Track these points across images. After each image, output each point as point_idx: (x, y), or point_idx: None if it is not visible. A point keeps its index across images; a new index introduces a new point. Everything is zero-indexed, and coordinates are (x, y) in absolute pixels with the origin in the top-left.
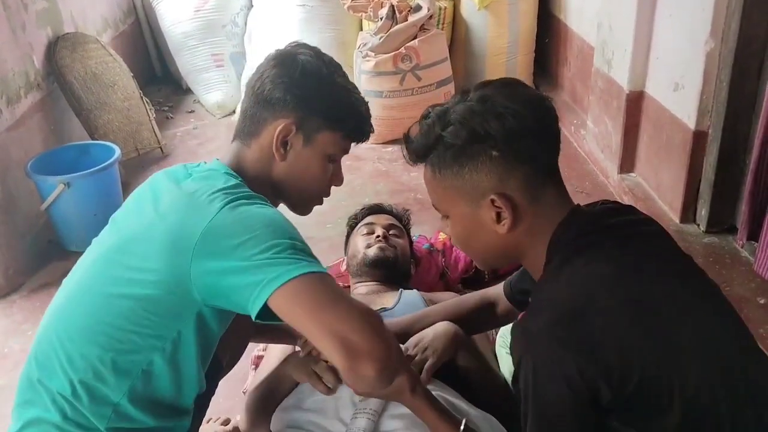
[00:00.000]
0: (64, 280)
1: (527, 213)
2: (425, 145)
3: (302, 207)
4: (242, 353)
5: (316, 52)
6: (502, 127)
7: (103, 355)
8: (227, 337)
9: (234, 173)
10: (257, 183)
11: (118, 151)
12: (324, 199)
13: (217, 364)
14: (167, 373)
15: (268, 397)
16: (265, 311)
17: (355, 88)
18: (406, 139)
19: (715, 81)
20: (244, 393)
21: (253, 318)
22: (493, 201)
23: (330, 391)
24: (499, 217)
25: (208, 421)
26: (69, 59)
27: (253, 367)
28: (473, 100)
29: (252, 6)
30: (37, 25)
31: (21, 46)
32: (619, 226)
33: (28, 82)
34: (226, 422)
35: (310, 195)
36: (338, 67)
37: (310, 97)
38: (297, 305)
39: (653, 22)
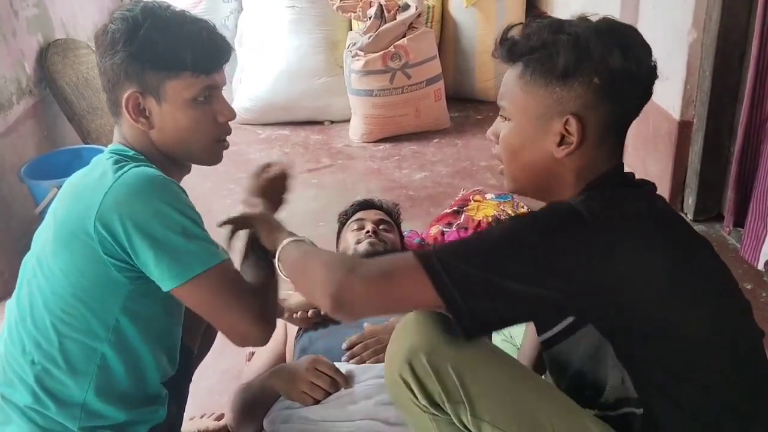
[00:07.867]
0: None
1: (587, 148)
2: (530, 46)
3: (206, 157)
4: (214, 338)
5: (123, 13)
6: (622, 61)
7: (55, 356)
8: (194, 323)
9: (125, 149)
10: (148, 155)
11: None
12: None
13: (187, 350)
14: (122, 363)
15: (255, 406)
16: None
17: (181, 21)
18: (503, 36)
19: (698, 71)
20: None
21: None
22: (567, 121)
23: (316, 402)
24: (561, 141)
25: (201, 417)
26: (60, 65)
27: (248, 363)
28: (602, 23)
29: (242, 9)
30: (27, 32)
31: (12, 53)
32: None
33: (20, 88)
34: (220, 417)
35: (203, 144)
36: (151, 12)
37: (131, 58)
38: (199, 300)
39: (638, 14)
